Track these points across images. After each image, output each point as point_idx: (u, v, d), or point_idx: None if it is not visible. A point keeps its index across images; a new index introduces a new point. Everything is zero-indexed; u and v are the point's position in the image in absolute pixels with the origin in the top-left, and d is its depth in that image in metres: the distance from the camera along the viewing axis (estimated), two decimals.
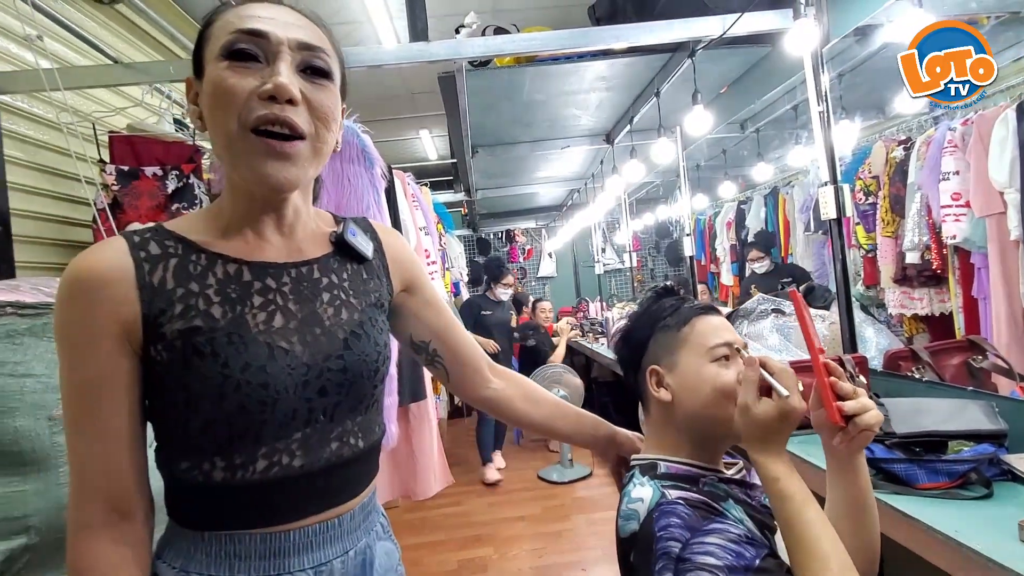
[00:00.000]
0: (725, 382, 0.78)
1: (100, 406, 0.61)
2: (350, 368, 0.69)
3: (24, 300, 1.15)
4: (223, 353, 0.62)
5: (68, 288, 0.61)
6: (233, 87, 0.60)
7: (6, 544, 1.03)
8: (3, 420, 1.06)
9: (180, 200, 1.91)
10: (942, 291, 2.44)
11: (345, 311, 0.71)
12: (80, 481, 0.61)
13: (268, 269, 0.68)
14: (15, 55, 1.89)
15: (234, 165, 0.63)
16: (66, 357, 0.61)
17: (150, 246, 0.64)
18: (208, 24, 0.66)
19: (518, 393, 0.93)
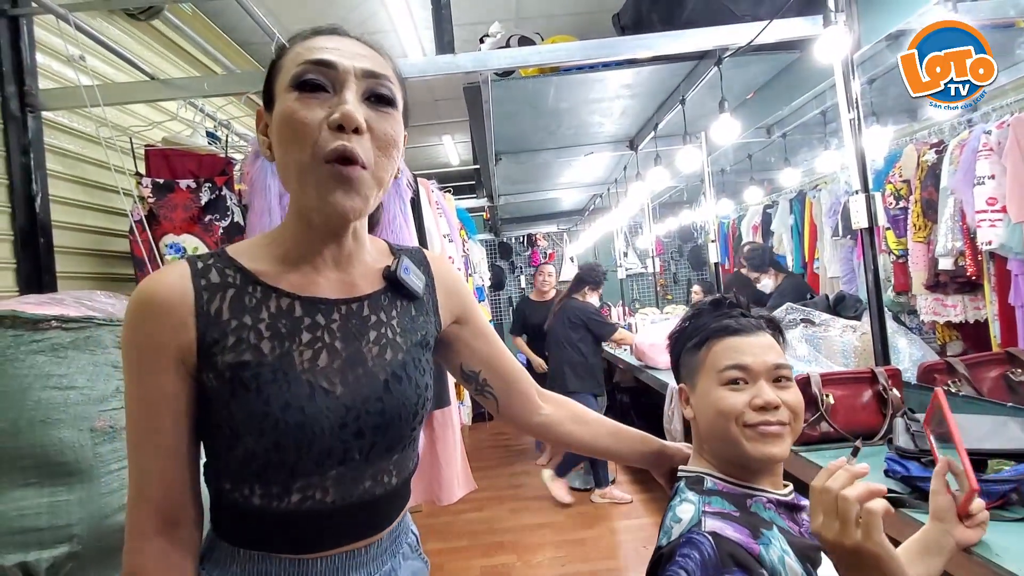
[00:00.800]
0: (725, 406, 0.79)
1: (159, 424, 0.64)
2: (388, 411, 0.69)
3: (68, 314, 1.18)
4: (266, 390, 0.63)
5: (134, 310, 0.64)
6: (303, 119, 0.62)
7: (50, 552, 1.06)
8: (48, 431, 1.09)
9: (213, 212, 1.95)
10: (977, 298, 2.38)
11: (390, 351, 0.72)
12: (138, 492, 0.64)
13: (319, 305, 0.69)
14: (57, 72, 1.96)
15: (304, 193, 0.65)
16: (131, 375, 0.64)
17: (211, 274, 0.67)
18: (278, 57, 0.68)
19: (566, 415, 0.93)
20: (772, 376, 0.80)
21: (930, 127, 2.64)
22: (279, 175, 0.68)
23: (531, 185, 5.43)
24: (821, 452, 1.52)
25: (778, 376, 0.80)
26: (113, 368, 1.18)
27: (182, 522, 0.65)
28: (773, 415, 0.77)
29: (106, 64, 2.11)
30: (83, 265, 1.99)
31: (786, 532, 0.75)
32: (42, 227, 1.80)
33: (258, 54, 3.16)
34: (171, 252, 1.91)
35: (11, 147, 1.76)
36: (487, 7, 3.02)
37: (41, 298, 1.28)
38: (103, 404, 1.13)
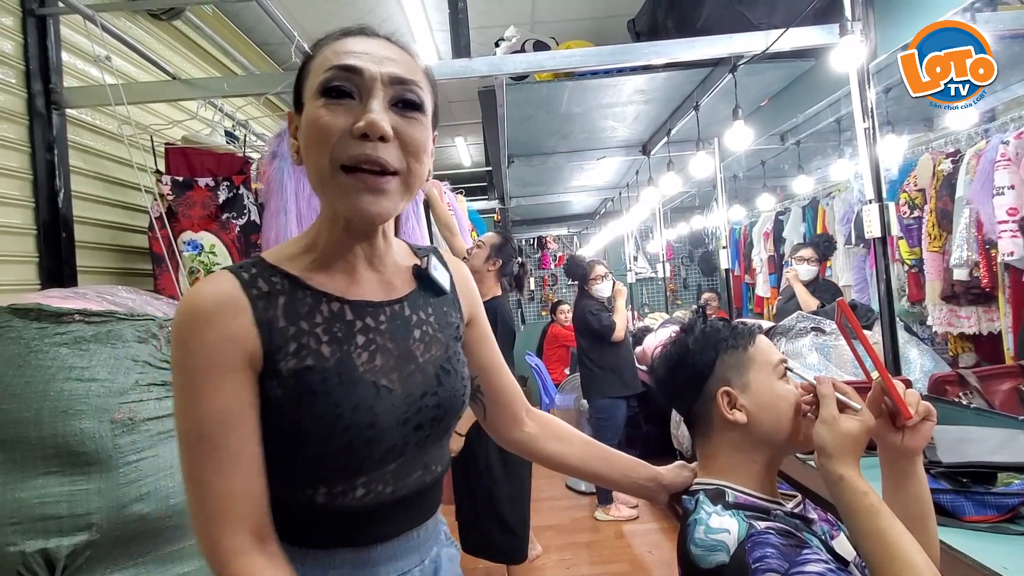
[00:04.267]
0: (797, 396, 0.81)
1: (238, 434, 0.61)
2: (442, 404, 0.72)
3: (91, 308, 1.21)
4: (334, 393, 0.64)
5: (193, 319, 0.62)
6: (327, 125, 0.62)
7: (70, 540, 1.09)
8: (69, 422, 1.12)
9: (230, 210, 1.98)
10: (991, 310, 2.36)
11: (434, 347, 0.74)
12: (222, 514, 0.60)
13: (367, 308, 0.70)
14: (81, 71, 2.00)
15: (328, 199, 0.66)
16: (194, 387, 0.61)
17: (259, 283, 0.66)
18: (308, 59, 0.68)
19: (549, 434, 0.91)
20: None
21: (946, 136, 2.62)
22: (309, 181, 0.68)
23: (542, 188, 5.45)
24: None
25: None
26: (133, 362, 1.20)
27: (269, 536, 0.63)
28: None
29: (129, 63, 2.15)
30: (103, 260, 2.03)
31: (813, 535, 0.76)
32: (64, 222, 1.84)
33: (276, 55, 3.20)
34: (188, 249, 1.94)
35: (36, 143, 1.80)
36: (503, 11, 3.04)
37: (65, 292, 1.31)
38: (123, 397, 1.16)
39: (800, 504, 0.84)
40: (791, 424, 0.80)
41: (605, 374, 3.43)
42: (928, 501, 0.77)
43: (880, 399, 0.76)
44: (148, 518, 1.12)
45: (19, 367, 1.12)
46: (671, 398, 0.89)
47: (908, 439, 0.74)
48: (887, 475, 0.78)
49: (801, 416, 0.80)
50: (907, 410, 0.73)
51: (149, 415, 1.17)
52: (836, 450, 0.72)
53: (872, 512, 0.69)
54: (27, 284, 1.75)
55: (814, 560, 0.68)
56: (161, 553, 1.14)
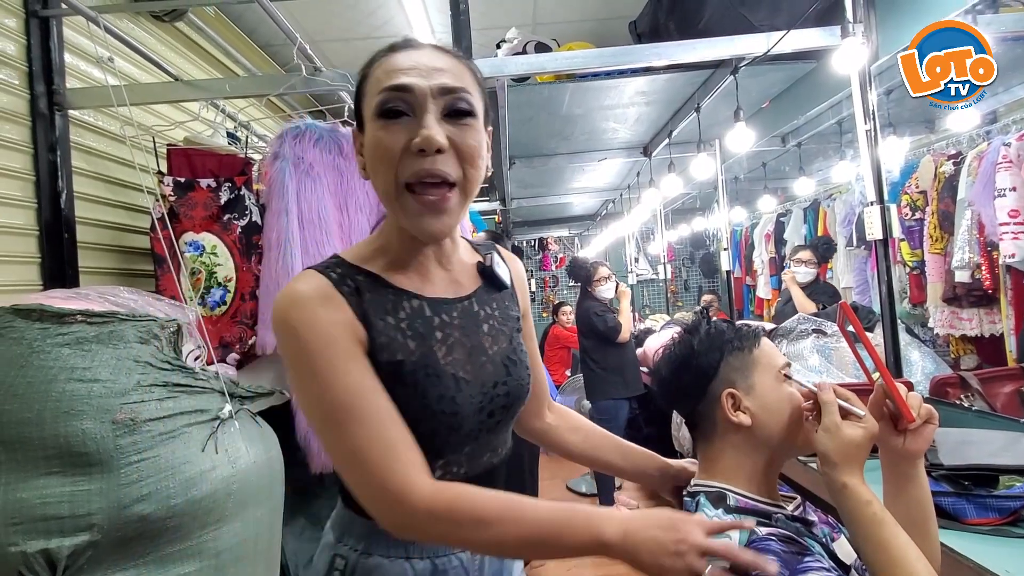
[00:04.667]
0: (800, 401, 0.80)
1: (380, 398, 0.66)
2: (511, 392, 0.78)
3: (93, 309, 1.21)
4: (422, 385, 0.70)
5: (301, 307, 0.66)
6: (388, 146, 0.67)
7: (71, 540, 1.08)
8: (71, 422, 1.12)
9: (232, 211, 1.98)
10: (992, 312, 2.35)
11: (501, 339, 0.80)
12: (389, 460, 0.64)
13: (442, 304, 0.76)
14: (84, 72, 2.00)
15: (395, 215, 0.71)
16: (326, 367, 0.65)
17: (347, 281, 0.71)
18: (363, 79, 0.73)
19: (566, 424, 0.97)
20: None
21: (948, 138, 2.62)
22: (376, 195, 0.73)
23: (543, 189, 5.45)
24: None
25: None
26: (135, 363, 1.20)
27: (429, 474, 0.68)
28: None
29: (131, 65, 2.15)
30: (105, 261, 2.03)
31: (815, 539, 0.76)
32: (66, 223, 1.84)
33: (279, 57, 3.20)
34: (190, 250, 1.94)
35: (39, 144, 1.80)
36: (504, 12, 3.04)
37: (67, 293, 1.31)
38: (124, 397, 1.16)
39: (800, 506, 0.83)
40: (794, 428, 0.80)
41: (608, 375, 3.43)
42: (929, 504, 0.76)
43: (882, 402, 0.76)
44: (149, 519, 1.12)
45: (21, 367, 1.12)
46: (674, 399, 0.89)
47: (910, 442, 0.74)
48: (888, 478, 0.78)
49: (804, 421, 0.80)
50: (909, 413, 0.73)
51: (151, 416, 1.17)
52: (839, 458, 0.72)
53: (876, 521, 0.69)
54: (29, 285, 1.75)
55: (816, 568, 0.67)
56: (162, 554, 1.14)
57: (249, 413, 1.38)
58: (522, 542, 0.63)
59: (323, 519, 1.85)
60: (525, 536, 0.63)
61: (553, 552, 0.65)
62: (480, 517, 0.63)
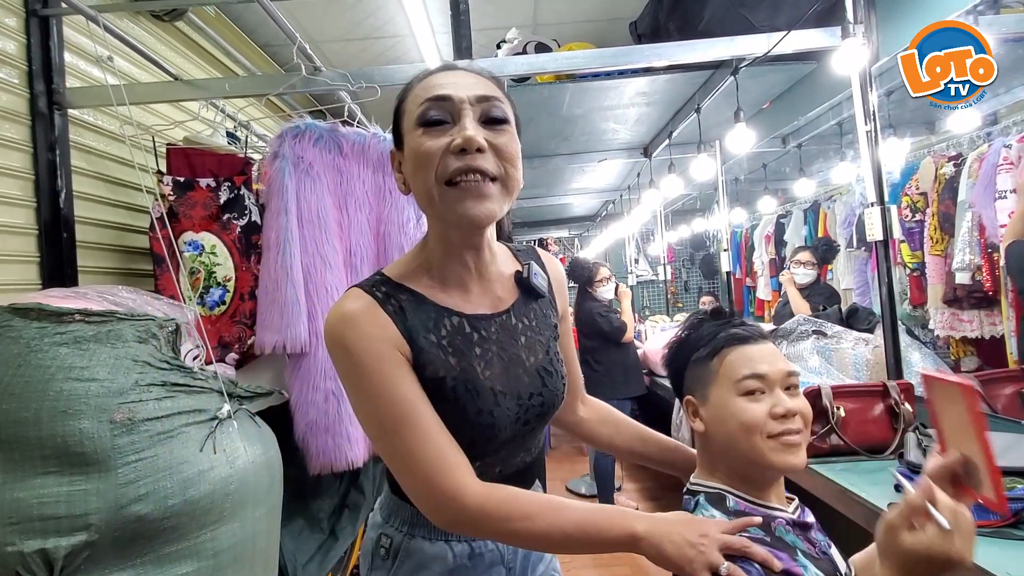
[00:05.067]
0: (748, 418, 0.76)
1: (429, 409, 0.72)
2: (546, 402, 0.82)
3: (91, 308, 1.21)
4: (462, 400, 0.74)
5: (351, 324, 0.72)
6: (429, 148, 0.71)
7: (68, 540, 1.08)
8: (68, 422, 1.12)
9: (231, 210, 1.98)
10: (993, 313, 2.35)
11: (537, 350, 0.83)
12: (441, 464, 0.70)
13: (481, 320, 0.80)
14: (83, 71, 2.00)
15: (436, 214, 0.74)
16: (380, 380, 0.71)
17: (392, 300, 0.75)
18: (401, 101, 0.77)
19: (597, 417, 1.02)
20: (785, 384, 0.79)
21: (949, 140, 2.62)
22: (418, 205, 0.75)
23: (543, 190, 5.45)
24: (831, 465, 1.51)
25: (789, 384, 0.80)
26: (133, 362, 1.20)
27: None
28: (792, 423, 0.77)
29: (131, 64, 2.15)
30: (104, 260, 2.03)
31: (808, 555, 0.74)
32: (66, 222, 1.84)
33: (279, 57, 3.20)
34: (189, 249, 1.94)
35: (38, 144, 1.80)
36: (505, 13, 3.04)
37: (65, 292, 1.31)
38: (122, 397, 1.16)
39: (798, 508, 0.83)
40: (743, 444, 0.76)
41: (611, 375, 3.43)
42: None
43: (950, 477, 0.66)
44: (147, 519, 1.11)
45: (18, 367, 1.12)
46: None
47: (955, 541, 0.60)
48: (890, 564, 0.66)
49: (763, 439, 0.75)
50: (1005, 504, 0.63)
51: (149, 415, 1.17)
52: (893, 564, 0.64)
53: None
54: (28, 284, 1.75)
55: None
56: (160, 554, 1.14)
57: (248, 413, 1.37)
58: (565, 535, 0.69)
59: (321, 520, 1.85)
60: (568, 529, 0.69)
61: (590, 544, 0.70)
62: (527, 512, 0.69)
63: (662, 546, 0.67)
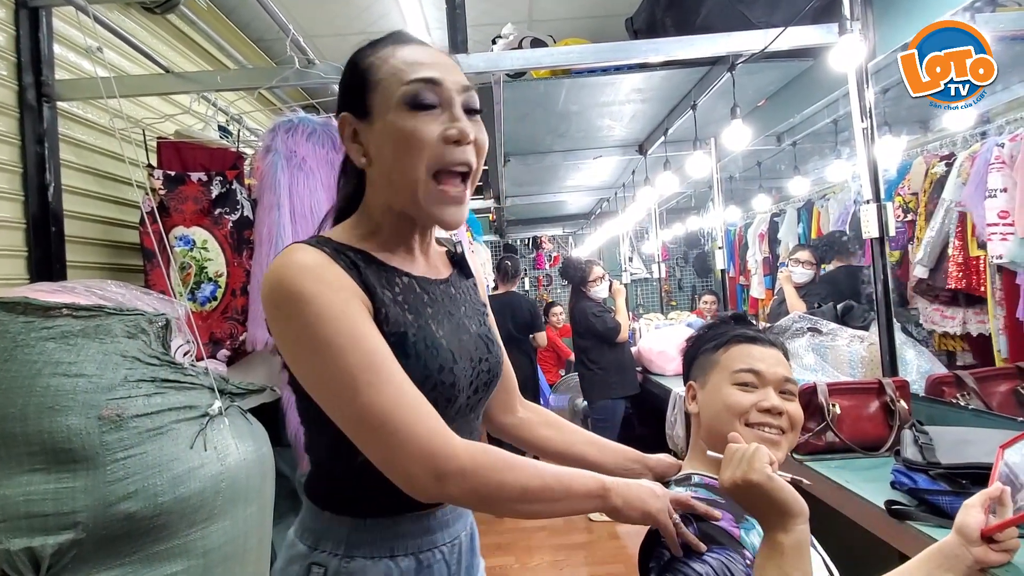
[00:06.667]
0: (734, 402, 0.83)
1: (395, 361, 0.66)
2: (492, 369, 0.81)
3: (79, 302, 1.19)
4: (423, 356, 0.70)
5: (305, 272, 0.65)
6: (422, 136, 0.69)
7: (55, 538, 1.06)
8: (56, 418, 1.10)
9: (223, 205, 1.96)
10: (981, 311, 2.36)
11: (476, 320, 0.83)
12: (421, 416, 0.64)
13: (427, 283, 0.78)
14: (73, 64, 1.97)
15: (413, 203, 0.72)
16: (350, 328, 0.64)
17: (342, 256, 0.70)
18: (367, 67, 0.72)
19: (539, 419, 0.97)
20: (780, 387, 0.86)
21: (943, 138, 2.62)
22: (381, 183, 0.73)
23: (538, 187, 5.44)
24: (826, 462, 1.51)
25: (785, 389, 0.87)
26: (122, 357, 1.18)
27: None
28: (775, 420, 0.83)
29: (121, 57, 2.12)
30: (93, 255, 2.00)
31: None
32: (54, 216, 1.81)
33: (271, 50, 3.17)
34: (180, 244, 1.91)
35: (26, 136, 1.77)
36: (500, 9, 3.02)
37: (53, 286, 1.29)
38: (111, 393, 1.14)
39: None
40: (724, 425, 0.83)
41: (607, 375, 3.43)
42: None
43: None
44: (135, 517, 1.10)
45: (4, 361, 1.10)
46: None
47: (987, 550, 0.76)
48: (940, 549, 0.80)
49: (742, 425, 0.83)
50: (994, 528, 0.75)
51: (138, 412, 1.15)
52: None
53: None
54: (16, 279, 1.72)
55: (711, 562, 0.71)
56: (149, 552, 1.12)
57: (239, 410, 1.36)
58: (544, 485, 0.67)
59: None
60: (547, 479, 0.67)
61: (566, 494, 0.68)
62: (511, 463, 0.66)
63: (629, 498, 0.70)
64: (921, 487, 1.17)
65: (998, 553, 0.77)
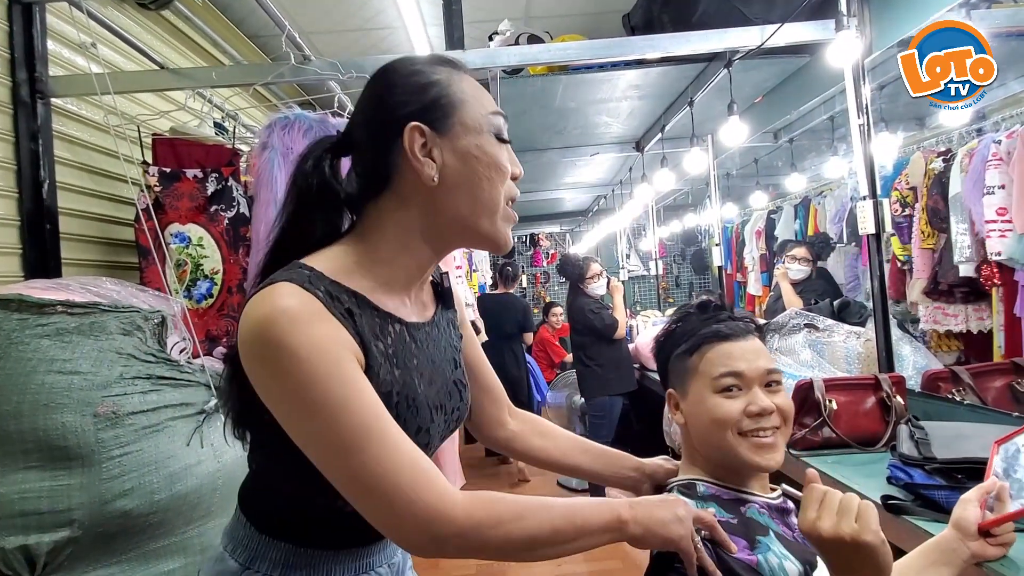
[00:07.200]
0: (721, 414, 0.78)
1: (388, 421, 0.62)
2: (460, 416, 0.79)
3: (74, 299, 1.18)
4: (403, 415, 0.67)
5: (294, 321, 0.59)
6: (506, 165, 0.71)
7: (51, 536, 1.06)
8: (51, 416, 1.09)
9: (219, 202, 1.95)
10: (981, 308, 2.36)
11: (453, 362, 0.80)
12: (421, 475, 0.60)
13: (416, 328, 0.74)
14: (67, 59, 1.96)
15: (492, 225, 0.71)
16: (343, 387, 0.60)
17: (336, 300, 0.64)
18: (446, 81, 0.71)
19: (532, 430, 0.93)
20: (764, 381, 0.80)
21: (939, 135, 2.63)
22: (449, 204, 0.69)
23: (535, 184, 5.44)
24: (822, 457, 1.51)
25: (769, 381, 0.80)
26: (117, 354, 1.18)
27: None
28: (767, 421, 0.78)
29: (116, 53, 2.11)
30: (88, 253, 2.00)
31: (781, 537, 0.75)
32: (49, 213, 1.80)
33: (267, 48, 3.16)
34: (176, 241, 1.91)
35: (20, 133, 1.76)
36: (496, 6, 3.01)
37: (47, 283, 1.28)
38: (106, 390, 1.13)
39: (780, 496, 0.83)
40: (717, 439, 0.78)
41: (605, 371, 3.43)
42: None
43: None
44: (132, 514, 1.09)
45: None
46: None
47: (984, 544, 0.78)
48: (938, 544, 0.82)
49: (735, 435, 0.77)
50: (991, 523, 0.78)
51: (134, 409, 1.14)
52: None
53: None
54: (10, 276, 1.71)
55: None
56: (145, 550, 1.12)
57: None
58: (555, 529, 0.64)
59: None
60: (557, 523, 0.64)
61: (579, 534, 0.65)
62: (516, 512, 0.63)
63: (649, 525, 0.66)
64: (917, 482, 1.17)
65: (995, 547, 0.78)
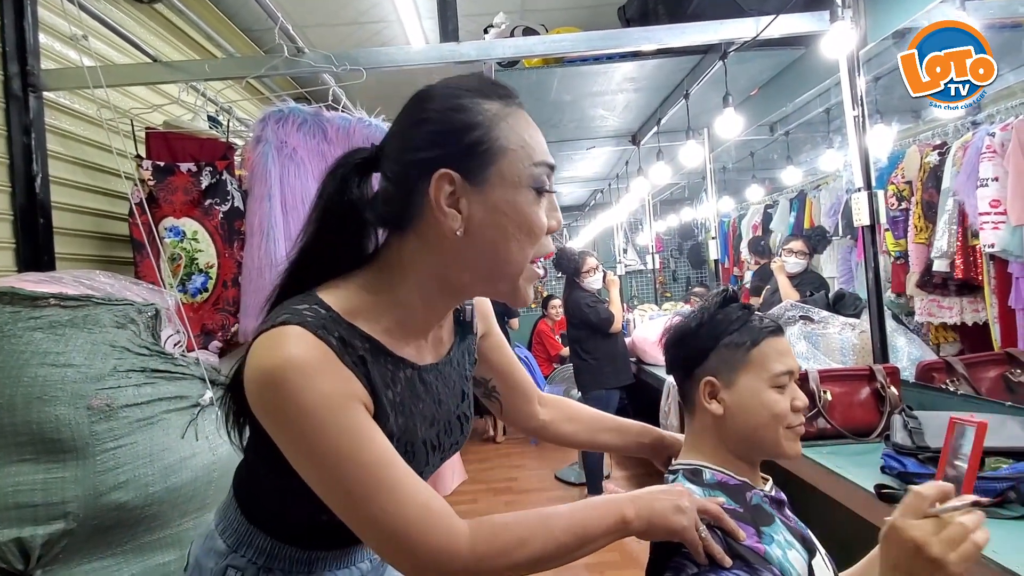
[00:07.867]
0: (780, 410, 0.80)
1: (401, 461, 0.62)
2: (458, 448, 0.80)
3: (67, 292, 1.18)
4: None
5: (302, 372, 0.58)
6: (541, 224, 0.66)
7: (45, 529, 1.06)
8: (44, 408, 1.09)
9: (213, 196, 1.94)
10: (976, 300, 2.37)
11: (462, 395, 0.79)
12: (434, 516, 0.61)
13: (427, 371, 0.72)
14: (59, 53, 1.95)
15: (511, 285, 0.68)
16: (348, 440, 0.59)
17: (349, 349, 0.63)
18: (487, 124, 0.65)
19: (561, 416, 0.98)
20: (795, 377, 0.84)
21: (934, 128, 2.63)
22: (469, 258, 0.66)
23: None
24: (817, 448, 1.52)
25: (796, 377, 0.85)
26: (111, 347, 1.17)
27: None
28: (802, 415, 0.82)
29: (108, 46, 2.09)
30: (82, 247, 1.99)
31: (786, 525, 0.77)
32: (42, 208, 1.79)
33: (261, 41, 3.14)
34: (170, 235, 1.90)
35: (12, 127, 1.75)
36: None
37: (40, 276, 1.28)
38: (100, 383, 1.13)
39: (772, 487, 0.85)
40: (766, 434, 0.80)
41: (600, 365, 3.44)
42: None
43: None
44: (126, 507, 1.09)
45: None
46: (670, 367, 0.91)
47: None
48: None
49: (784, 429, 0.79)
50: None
51: (127, 402, 1.14)
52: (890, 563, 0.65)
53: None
54: (3, 271, 1.70)
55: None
56: (140, 543, 1.12)
57: None
58: (560, 545, 0.64)
59: None
60: (561, 538, 0.64)
61: (585, 543, 0.66)
62: (520, 537, 0.63)
63: (652, 519, 0.67)
64: (910, 471, 1.18)
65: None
